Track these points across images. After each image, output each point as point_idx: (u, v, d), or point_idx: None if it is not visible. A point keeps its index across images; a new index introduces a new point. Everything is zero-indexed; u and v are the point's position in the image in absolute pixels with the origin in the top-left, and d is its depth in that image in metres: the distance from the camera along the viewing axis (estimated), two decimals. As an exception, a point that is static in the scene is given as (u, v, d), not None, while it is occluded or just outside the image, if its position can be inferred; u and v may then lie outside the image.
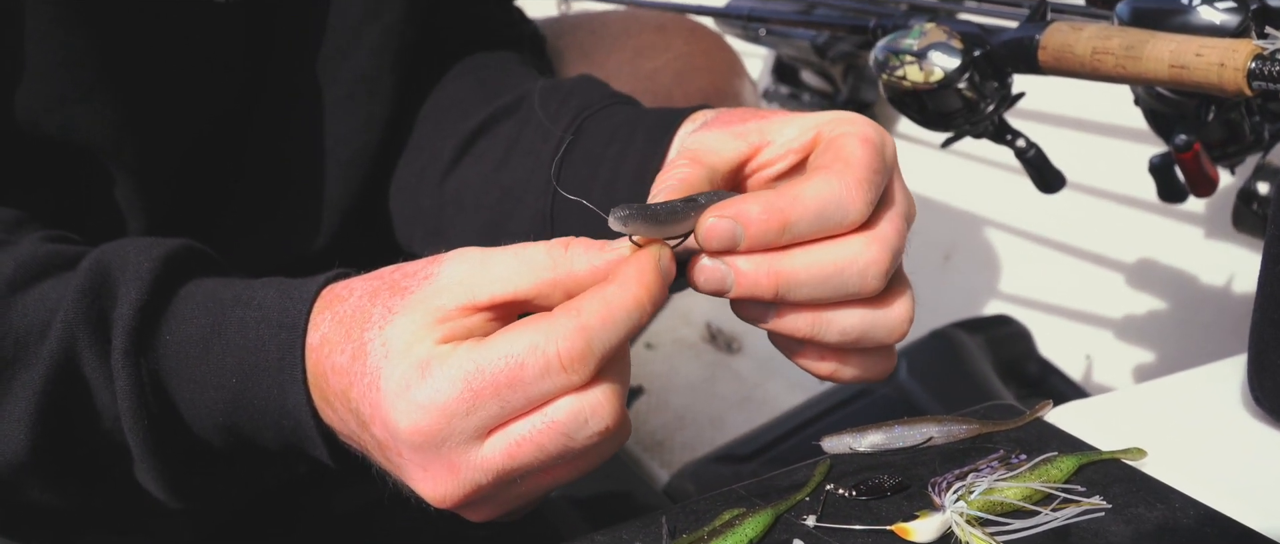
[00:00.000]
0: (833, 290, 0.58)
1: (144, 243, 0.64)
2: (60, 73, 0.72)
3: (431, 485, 0.56)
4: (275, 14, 0.83)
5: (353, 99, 0.87)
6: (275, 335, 0.59)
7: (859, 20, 1.06)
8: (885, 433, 0.64)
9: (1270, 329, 0.67)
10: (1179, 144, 0.89)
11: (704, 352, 1.93)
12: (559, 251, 0.57)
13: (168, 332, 0.61)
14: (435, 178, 0.89)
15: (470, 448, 0.54)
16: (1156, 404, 0.72)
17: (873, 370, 0.63)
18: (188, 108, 0.80)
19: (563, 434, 0.54)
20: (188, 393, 0.61)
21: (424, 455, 0.54)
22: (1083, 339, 1.56)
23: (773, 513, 0.58)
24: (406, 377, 0.54)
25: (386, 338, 0.55)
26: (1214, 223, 1.42)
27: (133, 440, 0.61)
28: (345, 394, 0.57)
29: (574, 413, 0.54)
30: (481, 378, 0.53)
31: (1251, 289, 0.68)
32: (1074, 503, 0.58)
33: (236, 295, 0.62)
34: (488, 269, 0.57)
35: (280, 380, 0.59)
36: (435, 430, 0.54)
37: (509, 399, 0.53)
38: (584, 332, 0.53)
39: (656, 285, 0.55)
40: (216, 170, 0.84)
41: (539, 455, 0.54)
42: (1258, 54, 0.74)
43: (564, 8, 1.55)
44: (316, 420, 0.60)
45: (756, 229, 0.56)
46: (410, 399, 0.54)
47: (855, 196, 0.58)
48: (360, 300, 0.58)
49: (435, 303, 0.56)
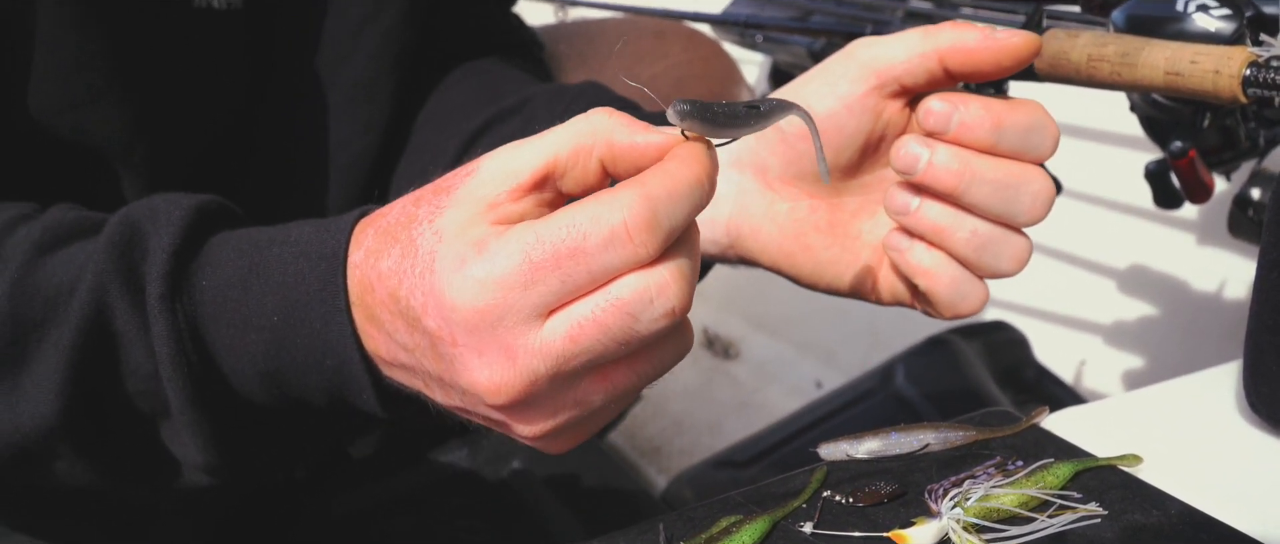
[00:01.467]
0: (1005, 203, 0.63)
1: (173, 196, 0.62)
2: (72, 76, 0.72)
3: (487, 373, 0.51)
4: (275, 20, 0.84)
5: (352, 103, 0.87)
6: (315, 267, 0.57)
7: (855, 27, 1.06)
8: (882, 439, 0.65)
9: (1266, 335, 0.67)
10: (1174, 150, 0.89)
11: (701, 357, 1.93)
12: (601, 118, 0.54)
13: (203, 277, 0.59)
14: (437, 176, 0.89)
15: (530, 328, 0.51)
16: (1152, 410, 0.73)
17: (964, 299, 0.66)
18: (195, 111, 0.80)
19: (628, 313, 0.50)
20: (227, 337, 0.59)
21: (480, 338, 0.51)
22: (1079, 345, 1.56)
23: (770, 520, 0.58)
24: (462, 253, 0.51)
25: (438, 227, 0.53)
26: (1209, 229, 1.42)
27: (171, 391, 0.59)
28: (394, 295, 0.54)
29: (640, 291, 0.50)
30: (542, 249, 0.50)
31: (1247, 295, 0.68)
32: (1070, 509, 0.58)
33: (272, 236, 0.60)
34: (525, 148, 0.54)
35: (323, 312, 0.57)
36: (493, 306, 0.50)
37: (571, 272, 0.50)
38: (649, 200, 0.50)
39: (712, 169, 0.53)
40: (222, 174, 0.85)
41: (602, 338, 0.51)
42: (1252, 61, 0.74)
43: (562, 15, 1.55)
44: (362, 355, 0.57)
45: (972, 118, 0.62)
46: (466, 275, 0.51)
47: (1054, 129, 0.64)
48: (404, 207, 0.56)
49: (482, 192, 0.53)
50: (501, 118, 0.87)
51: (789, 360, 1.87)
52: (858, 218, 0.71)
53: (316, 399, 0.60)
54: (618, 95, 0.85)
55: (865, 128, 0.67)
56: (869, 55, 0.65)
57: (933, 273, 0.65)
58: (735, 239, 0.72)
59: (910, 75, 0.65)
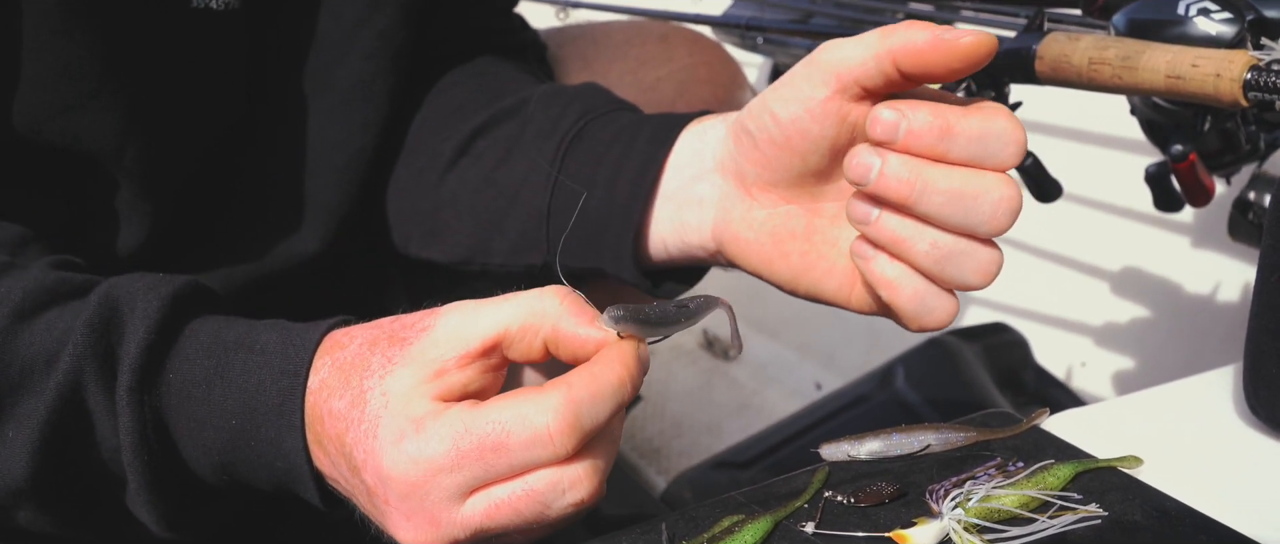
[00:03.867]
0: (963, 215, 0.60)
1: (152, 280, 0.65)
2: (61, 81, 0.72)
3: (413, 534, 0.58)
4: (272, 21, 0.84)
5: (348, 104, 0.87)
6: (277, 381, 0.61)
7: (855, 30, 1.06)
8: (883, 440, 0.65)
9: (1265, 338, 0.67)
10: (1175, 154, 0.89)
11: (701, 359, 1.93)
12: (552, 301, 0.59)
13: (172, 371, 0.63)
14: (432, 179, 0.89)
15: (453, 504, 0.57)
16: (1152, 412, 0.73)
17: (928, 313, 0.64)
18: (190, 114, 0.80)
19: (539, 502, 0.56)
20: (188, 431, 0.63)
21: (409, 505, 0.57)
22: (1079, 347, 1.57)
23: (771, 520, 0.58)
24: (401, 429, 0.57)
25: (386, 388, 0.58)
26: (1210, 232, 1.42)
27: (131, 474, 0.63)
28: (340, 439, 0.59)
29: (553, 484, 0.56)
30: (470, 439, 0.55)
31: (1246, 298, 0.69)
32: (1070, 510, 0.58)
33: (239, 338, 0.63)
34: (480, 317, 0.59)
35: (279, 424, 0.61)
36: (421, 483, 0.56)
37: (493, 464, 0.55)
38: (573, 405, 0.55)
39: (637, 372, 0.59)
40: (218, 176, 0.85)
41: (514, 519, 0.57)
42: (1253, 65, 0.74)
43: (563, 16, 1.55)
44: (310, 466, 0.61)
45: (920, 125, 0.58)
46: (401, 450, 0.56)
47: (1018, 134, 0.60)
48: (360, 349, 0.60)
49: (432, 354, 0.58)
50: (498, 120, 0.88)
51: (789, 362, 1.87)
52: (835, 224, 0.69)
53: (264, 487, 0.65)
54: (615, 96, 0.85)
55: (829, 134, 0.64)
56: (829, 58, 0.63)
57: (895, 285, 0.63)
58: (720, 244, 0.72)
59: (868, 78, 0.62)
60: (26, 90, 0.72)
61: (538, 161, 0.82)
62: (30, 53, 0.71)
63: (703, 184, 0.73)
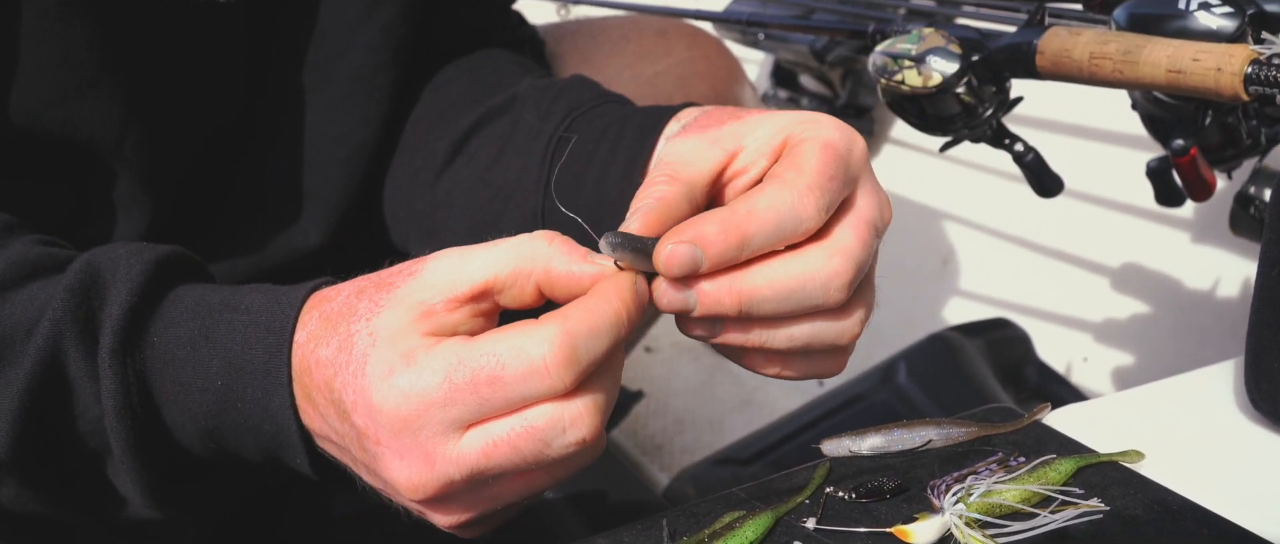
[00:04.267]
0: (796, 304, 0.59)
1: (135, 247, 0.64)
2: (60, 69, 0.72)
3: (407, 473, 0.55)
4: (276, 13, 0.84)
5: (350, 98, 0.87)
6: (262, 339, 0.60)
7: (857, 25, 1.06)
8: (884, 436, 0.65)
9: (1267, 332, 0.67)
10: (1176, 148, 0.89)
11: (703, 355, 1.93)
12: (542, 244, 0.57)
13: (155, 334, 0.61)
14: (428, 179, 0.89)
15: (447, 439, 0.55)
16: (1154, 407, 0.73)
17: (819, 370, 0.64)
18: (190, 104, 0.80)
19: (539, 440, 0.54)
20: (172, 395, 0.61)
21: (402, 441, 0.55)
22: (1080, 342, 1.57)
23: (773, 515, 0.58)
24: (391, 363, 0.55)
25: (373, 328, 0.56)
26: (1211, 227, 1.42)
27: (114, 440, 0.61)
28: (329, 385, 0.57)
29: (553, 420, 0.54)
30: (463, 372, 0.54)
31: (1248, 293, 0.69)
32: (1072, 505, 0.58)
33: (224, 300, 0.62)
34: (469, 261, 0.57)
35: (265, 383, 0.60)
36: (413, 417, 0.54)
37: (488, 397, 0.54)
38: (569, 337, 0.53)
39: (634, 306, 0.56)
40: (218, 167, 0.85)
41: (513, 458, 0.55)
42: (1254, 59, 0.74)
43: (563, 12, 1.55)
44: (299, 426, 0.60)
45: (716, 249, 0.56)
46: (392, 384, 0.54)
47: (806, 204, 0.58)
48: (347, 298, 0.59)
49: (420, 297, 0.57)
50: (490, 118, 0.88)
51: (791, 358, 1.87)
52: None
53: (252, 457, 0.63)
54: (601, 89, 0.85)
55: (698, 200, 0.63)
56: None
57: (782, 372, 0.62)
58: None
59: None
60: (25, 80, 0.72)
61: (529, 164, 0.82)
62: (30, 42, 0.71)
63: None
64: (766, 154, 0.63)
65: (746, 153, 0.64)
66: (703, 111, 0.70)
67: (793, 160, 0.60)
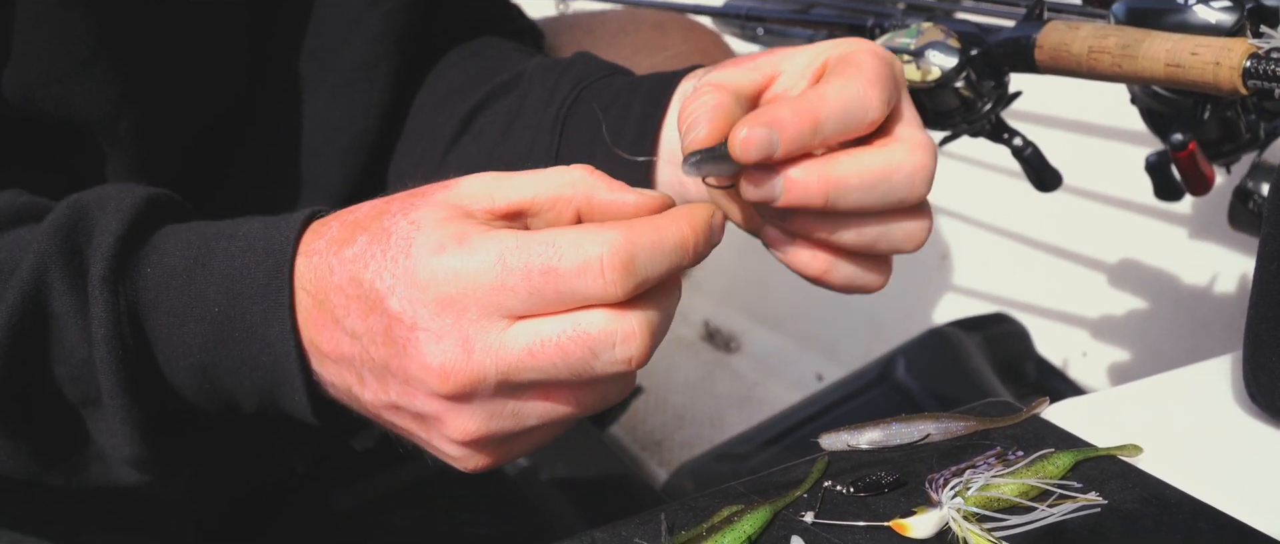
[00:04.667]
0: (882, 196, 0.59)
1: (125, 185, 0.62)
2: (56, 48, 0.72)
3: (441, 357, 0.52)
4: (276, 2, 0.84)
5: (352, 86, 0.87)
6: (261, 262, 0.58)
7: (856, 19, 1.06)
8: (883, 430, 0.65)
9: (1265, 326, 0.67)
10: (1175, 143, 0.89)
11: (702, 350, 1.93)
12: (581, 173, 0.56)
13: (148, 264, 0.59)
14: (434, 160, 0.89)
15: (492, 326, 0.52)
16: (1152, 401, 0.73)
17: (865, 281, 0.64)
18: (188, 88, 0.80)
19: (589, 349, 0.52)
20: (166, 326, 0.59)
21: (442, 321, 0.52)
22: (1079, 337, 1.57)
23: (771, 509, 0.58)
24: (442, 241, 0.53)
25: (415, 218, 0.54)
26: (1210, 221, 1.42)
27: (103, 376, 0.58)
28: (356, 278, 0.54)
29: (606, 330, 0.52)
30: (518, 257, 0.52)
31: (1247, 287, 0.69)
32: (1070, 499, 0.58)
33: (221, 229, 0.60)
34: (507, 179, 0.56)
35: (264, 308, 0.57)
36: (461, 296, 0.52)
37: (540, 288, 0.52)
38: (630, 244, 0.52)
39: (704, 234, 0.55)
40: (217, 154, 0.84)
41: (558, 363, 0.53)
42: (1253, 53, 0.74)
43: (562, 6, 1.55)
44: (299, 354, 0.58)
45: (790, 131, 0.56)
46: (442, 261, 0.52)
47: (872, 94, 0.59)
48: (375, 204, 0.57)
49: (459, 201, 0.55)
50: (496, 95, 0.87)
51: (790, 353, 1.88)
52: None
53: (247, 401, 0.60)
54: (607, 62, 0.85)
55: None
56: None
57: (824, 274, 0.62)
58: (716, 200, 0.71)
59: None
60: (21, 60, 0.71)
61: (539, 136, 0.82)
62: (25, 23, 0.70)
63: None
64: (805, 77, 0.63)
65: (785, 77, 0.64)
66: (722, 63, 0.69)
67: (847, 61, 0.61)
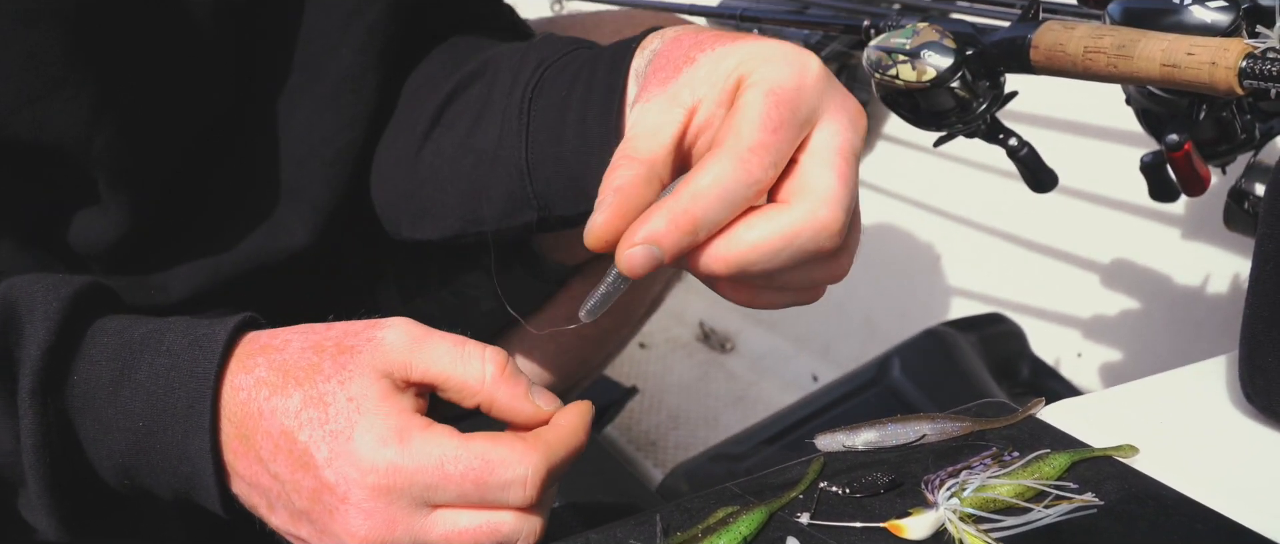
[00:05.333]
0: (789, 257, 0.59)
1: (52, 280, 0.64)
2: (26, 71, 0.72)
3: (365, 529, 0.58)
4: (260, 14, 0.83)
5: (337, 98, 0.87)
6: (185, 384, 0.61)
7: (852, 20, 1.06)
8: (879, 431, 0.65)
9: (1261, 327, 0.67)
10: (1170, 143, 0.89)
11: (697, 351, 1.93)
12: (493, 370, 0.61)
13: (76, 372, 0.62)
14: (410, 155, 0.88)
15: (417, 513, 0.59)
16: (1148, 402, 0.73)
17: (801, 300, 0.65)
18: (167, 104, 0.79)
19: (497, 539, 0.59)
20: (93, 434, 0.63)
21: (375, 503, 0.58)
22: (1075, 337, 1.57)
23: (767, 511, 0.58)
24: (385, 436, 0.58)
25: (352, 393, 0.59)
26: (1205, 222, 1.42)
27: (32, 478, 0.62)
28: (290, 436, 0.59)
29: (516, 525, 0.59)
30: (456, 465, 0.58)
31: (1243, 287, 0.68)
32: (1066, 500, 0.58)
33: (144, 337, 0.63)
34: (424, 349, 0.60)
35: (186, 427, 0.61)
36: (397, 487, 0.58)
37: (468, 492, 0.58)
38: (549, 465, 0.59)
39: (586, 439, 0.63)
40: (202, 167, 0.84)
41: None
42: (1249, 53, 0.74)
43: (557, 7, 1.55)
44: (215, 468, 0.62)
45: (669, 241, 0.57)
46: (384, 454, 0.58)
47: (751, 168, 0.57)
48: (303, 352, 0.61)
49: (385, 366, 0.60)
50: (465, 84, 0.86)
51: (785, 354, 1.88)
52: None
53: (166, 494, 0.65)
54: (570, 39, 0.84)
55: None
56: None
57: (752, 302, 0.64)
58: None
59: None
60: None
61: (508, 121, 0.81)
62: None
63: None
64: (722, 103, 0.62)
65: (704, 106, 0.62)
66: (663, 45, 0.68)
67: (732, 121, 0.59)
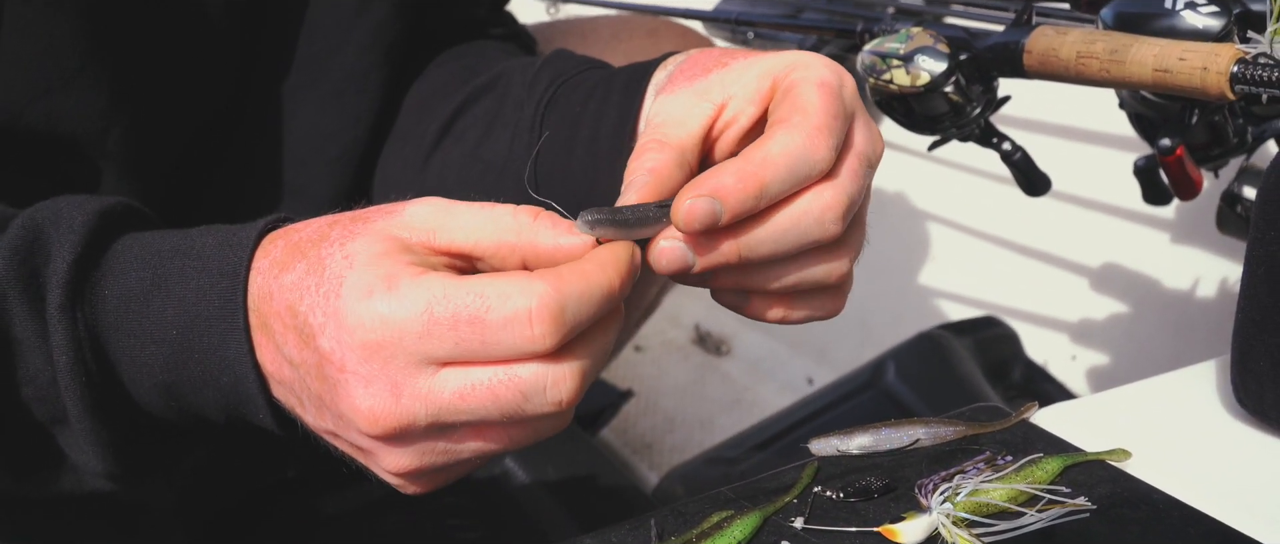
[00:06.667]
0: (793, 242, 0.58)
1: (79, 199, 0.62)
2: (44, 62, 0.71)
3: (369, 402, 0.53)
4: (266, 10, 0.83)
5: (341, 96, 0.87)
6: (216, 284, 0.57)
7: (846, 24, 1.06)
8: (872, 435, 0.65)
9: (1253, 330, 0.67)
10: (1163, 147, 0.89)
11: (693, 354, 1.93)
12: (526, 218, 0.56)
13: (106, 286, 0.59)
14: (418, 163, 0.88)
15: (419, 373, 0.53)
16: (1141, 406, 0.73)
17: (820, 311, 0.63)
18: (176, 98, 0.80)
19: (521, 393, 0.53)
20: (127, 348, 0.59)
21: (370, 367, 0.53)
22: (1068, 341, 1.57)
23: (761, 515, 0.58)
24: (370, 284, 0.53)
25: (349, 251, 0.54)
26: (1198, 226, 1.43)
27: (69, 399, 0.58)
28: (292, 309, 0.55)
29: (537, 377, 0.53)
30: (446, 307, 0.52)
31: (1234, 291, 0.69)
32: (1059, 504, 0.58)
33: (175, 245, 0.60)
34: (453, 215, 0.56)
35: (222, 330, 0.57)
36: (386, 344, 0.52)
37: (465, 338, 0.52)
38: (559, 295, 0.52)
39: (628, 277, 0.56)
40: (205, 164, 0.84)
41: (490, 407, 0.53)
42: (1240, 58, 0.74)
43: (553, 11, 1.55)
44: (258, 374, 0.58)
45: (734, 199, 0.55)
46: (369, 305, 0.53)
47: (818, 144, 0.57)
48: (318, 227, 0.57)
49: (400, 233, 0.55)
50: (476, 96, 0.87)
51: (780, 357, 1.88)
52: None
53: (214, 414, 0.61)
54: (585, 57, 0.85)
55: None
56: None
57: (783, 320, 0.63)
58: None
59: None
60: (8, 73, 0.70)
61: (518, 134, 0.81)
62: (13, 35, 0.70)
63: None
64: (754, 101, 0.62)
65: (734, 102, 0.63)
66: (687, 57, 0.68)
67: (794, 102, 0.59)
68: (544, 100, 0.81)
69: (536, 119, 0.80)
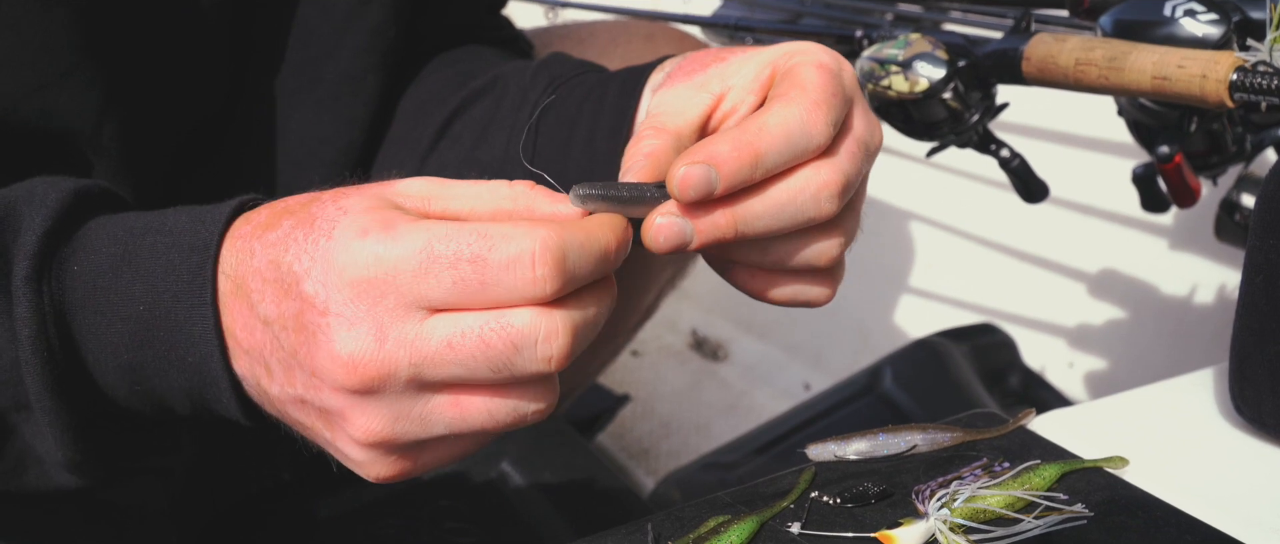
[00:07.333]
0: (789, 218, 0.58)
1: (55, 179, 0.61)
2: (40, 57, 0.71)
3: (351, 346, 0.51)
4: (257, 11, 0.83)
5: (337, 99, 0.87)
6: (186, 259, 0.56)
7: (845, 30, 1.06)
8: (870, 441, 0.65)
9: (1250, 338, 0.67)
10: (1161, 155, 0.89)
11: (690, 359, 1.93)
12: (523, 188, 0.56)
13: (75, 261, 0.57)
14: (413, 166, 0.89)
15: (408, 317, 0.51)
16: (1138, 413, 0.73)
17: (805, 296, 0.63)
18: (169, 97, 0.80)
19: (511, 343, 0.51)
20: (93, 325, 0.57)
21: (357, 308, 0.51)
22: (1066, 348, 1.57)
23: (757, 520, 0.58)
24: (366, 226, 0.51)
25: (343, 204, 0.53)
26: (1196, 233, 1.43)
27: (30, 377, 0.56)
28: (275, 261, 0.53)
29: (531, 326, 0.51)
30: (447, 244, 0.50)
31: (1233, 299, 0.69)
32: (1056, 511, 0.58)
33: (148, 223, 0.58)
34: (448, 187, 0.55)
35: (188, 305, 0.56)
36: (378, 283, 0.50)
37: (465, 277, 0.50)
38: (562, 240, 0.51)
39: (622, 243, 0.55)
40: (200, 166, 0.84)
41: (478, 356, 0.51)
42: (1239, 66, 0.74)
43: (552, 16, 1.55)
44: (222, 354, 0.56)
45: (729, 167, 0.55)
46: (364, 245, 0.51)
47: (816, 119, 0.57)
48: (305, 195, 0.56)
49: (395, 198, 0.54)
50: (472, 100, 0.87)
51: (777, 363, 1.88)
52: None
53: (179, 403, 0.59)
54: (581, 61, 0.85)
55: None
56: None
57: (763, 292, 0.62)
58: None
59: None
60: (1, 68, 0.70)
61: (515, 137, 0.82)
62: (5, 29, 0.69)
63: None
64: (753, 91, 0.62)
65: (733, 93, 0.63)
66: (684, 57, 0.68)
67: (793, 80, 0.59)
68: (540, 103, 0.81)
69: (533, 121, 0.80)
